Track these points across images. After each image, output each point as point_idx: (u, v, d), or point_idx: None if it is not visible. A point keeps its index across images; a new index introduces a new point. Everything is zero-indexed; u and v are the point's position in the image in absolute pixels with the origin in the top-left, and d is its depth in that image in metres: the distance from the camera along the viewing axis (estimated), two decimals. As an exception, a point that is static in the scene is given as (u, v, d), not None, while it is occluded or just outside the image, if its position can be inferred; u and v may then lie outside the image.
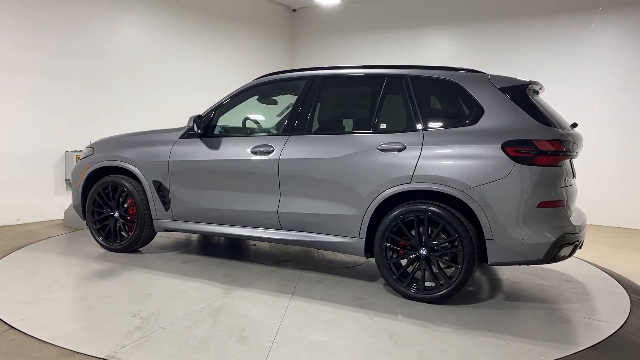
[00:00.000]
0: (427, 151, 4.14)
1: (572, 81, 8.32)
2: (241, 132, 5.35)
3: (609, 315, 3.99)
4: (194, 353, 3.11)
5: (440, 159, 4.10)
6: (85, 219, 5.64)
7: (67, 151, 7.49)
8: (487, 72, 4.34)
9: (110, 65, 8.00)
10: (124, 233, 5.43)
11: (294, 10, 11.39)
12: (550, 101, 4.88)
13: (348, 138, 4.49)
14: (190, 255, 5.44)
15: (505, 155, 3.92)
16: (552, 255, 3.88)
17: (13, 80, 6.84)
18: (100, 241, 5.50)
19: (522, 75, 4.56)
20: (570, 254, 4.08)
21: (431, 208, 4.06)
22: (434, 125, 4.25)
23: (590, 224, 7.57)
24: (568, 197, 4.12)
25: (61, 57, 7.33)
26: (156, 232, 5.42)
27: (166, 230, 5.27)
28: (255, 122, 5.54)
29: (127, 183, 5.30)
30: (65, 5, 7.34)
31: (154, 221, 5.26)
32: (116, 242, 5.43)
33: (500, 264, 4.04)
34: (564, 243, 3.90)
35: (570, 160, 4.35)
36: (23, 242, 5.84)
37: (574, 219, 4.23)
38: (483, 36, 9.23)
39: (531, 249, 3.88)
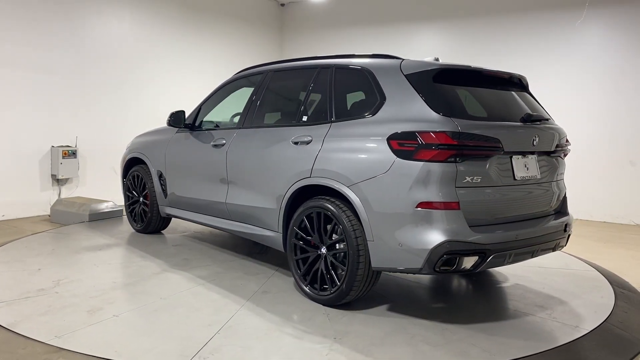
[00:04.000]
0: (327, 144, 3.92)
1: (559, 76, 8.40)
2: (218, 126, 5.55)
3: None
4: (41, 315, 3.55)
5: (335, 152, 3.85)
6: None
7: (53, 146, 7.47)
8: (403, 58, 3.91)
9: (97, 60, 7.99)
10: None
11: (282, 5, 11.48)
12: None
13: (274, 131, 4.47)
14: (190, 241, 5.89)
15: (389, 148, 3.51)
16: (434, 265, 3.33)
17: (-2, 75, 6.84)
18: (131, 222, 6.35)
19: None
20: (478, 266, 3.43)
21: (323, 204, 3.84)
22: (342, 116, 3.98)
23: (577, 219, 8.02)
24: (480, 199, 3.47)
25: (47, 52, 7.31)
26: (167, 217, 6.02)
27: (167, 215, 5.85)
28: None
29: (144, 172, 6.02)
30: (53, 0, 7.34)
31: (159, 207, 5.88)
32: (139, 224, 6.21)
33: (383, 270, 3.61)
34: (451, 252, 3.31)
35: (511, 157, 3.64)
36: (9, 238, 5.85)
37: (505, 227, 3.56)
38: (471, 31, 9.25)
39: (409, 256, 3.40)
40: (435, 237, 3.32)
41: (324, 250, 3.90)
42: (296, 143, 4.14)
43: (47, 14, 7.30)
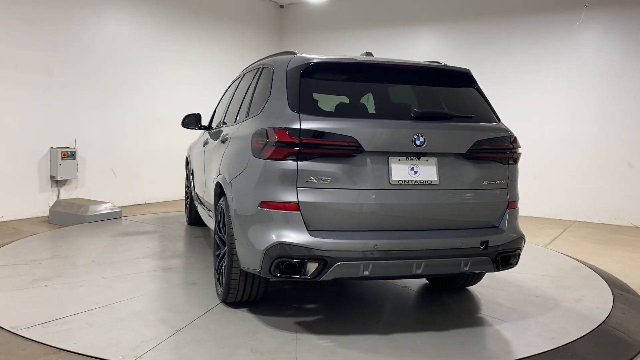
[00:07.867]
0: (230, 142, 4.00)
1: (557, 78, 8.41)
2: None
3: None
4: (4, 276, 4.35)
5: (230, 150, 3.92)
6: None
7: (52, 147, 7.40)
8: (302, 54, 3.75)
9: (97, 61, 7.96)
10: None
11: (282, 6, 11.43)
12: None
13: (219, 131, 4.65)
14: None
15: (250, 146, 3.45)
16: (269, 268, 3.18)
17: (-2, 76, 6.89)
18: (185, 215, 7.10)
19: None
20: (320, 274, 3.13)
21: (223, 202, 3.90)
22: (251, 114, 3.98)
23: (575, 220, 8.27)
24: (329, 202, 3.17)
25: (47, 53, 7.29)
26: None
27: (196, 209, 6.39)
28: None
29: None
30: (52, 0, 7.33)
31: (193, 201, 6.47)
32: (186, 217, 6.91)
33: (249, 271, 3.50)
34: (284, 256, 3.12)
35: (387, 158, 3.25)
36: (9, 239, 5.84)
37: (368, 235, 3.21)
38: (470, 33, 9.23)
39: (252, 257, 3.30)
40: (268, 238, 3.17)
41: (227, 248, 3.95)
42: (222, 142, 4.27)
43: (46, 16, 7.30)
